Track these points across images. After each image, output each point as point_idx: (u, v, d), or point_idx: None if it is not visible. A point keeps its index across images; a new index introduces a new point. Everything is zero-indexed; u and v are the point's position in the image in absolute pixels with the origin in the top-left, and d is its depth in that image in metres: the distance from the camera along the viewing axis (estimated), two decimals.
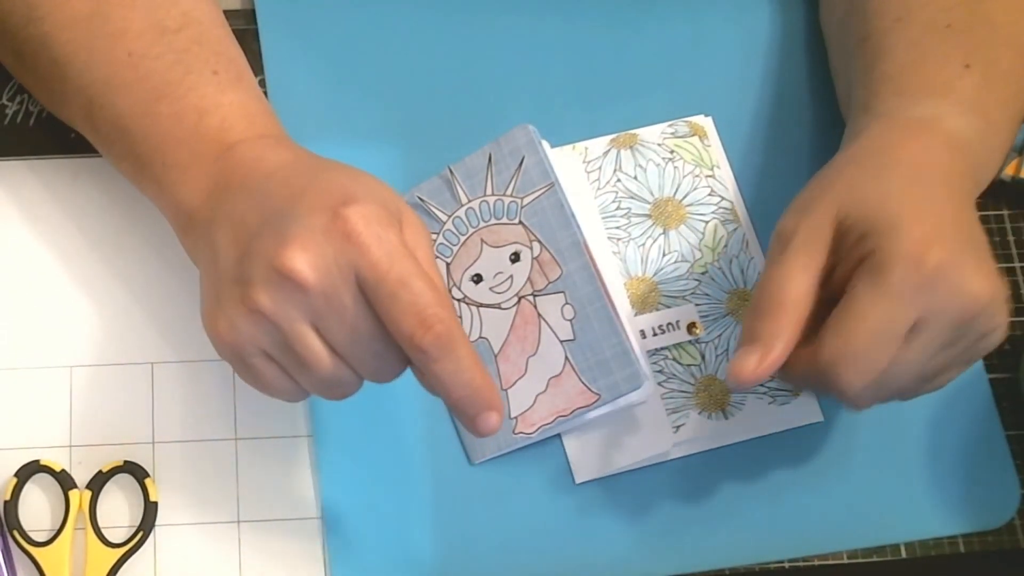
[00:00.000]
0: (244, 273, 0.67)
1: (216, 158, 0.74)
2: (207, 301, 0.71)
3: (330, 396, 0.71)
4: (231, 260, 0.69)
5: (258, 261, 0.66)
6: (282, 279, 0.66)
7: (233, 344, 0.69)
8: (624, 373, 0.78)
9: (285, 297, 0.66)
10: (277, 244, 0.66)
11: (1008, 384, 0.85)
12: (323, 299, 0.66)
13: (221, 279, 0.69)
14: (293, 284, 0.66)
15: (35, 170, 0.87)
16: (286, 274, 0.65)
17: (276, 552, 0.80)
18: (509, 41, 0.91)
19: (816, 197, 0.73)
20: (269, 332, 0.68)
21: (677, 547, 0.80)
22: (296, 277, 0.65)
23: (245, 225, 0.69)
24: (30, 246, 0.85)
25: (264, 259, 0.66)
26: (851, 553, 0.81)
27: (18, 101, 0.88)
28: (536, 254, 0.81)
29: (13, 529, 0.78)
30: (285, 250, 0.65)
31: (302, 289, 0.66)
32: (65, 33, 0.77)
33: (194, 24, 0.78)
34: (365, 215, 0.66)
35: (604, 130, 0.88)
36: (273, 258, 0.66)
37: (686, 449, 0.82)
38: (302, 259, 0.65)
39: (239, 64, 0.79)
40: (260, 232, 0.67)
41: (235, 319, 0.68)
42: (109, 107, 0.77)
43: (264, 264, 0.66)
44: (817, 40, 0.92)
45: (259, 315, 0.67)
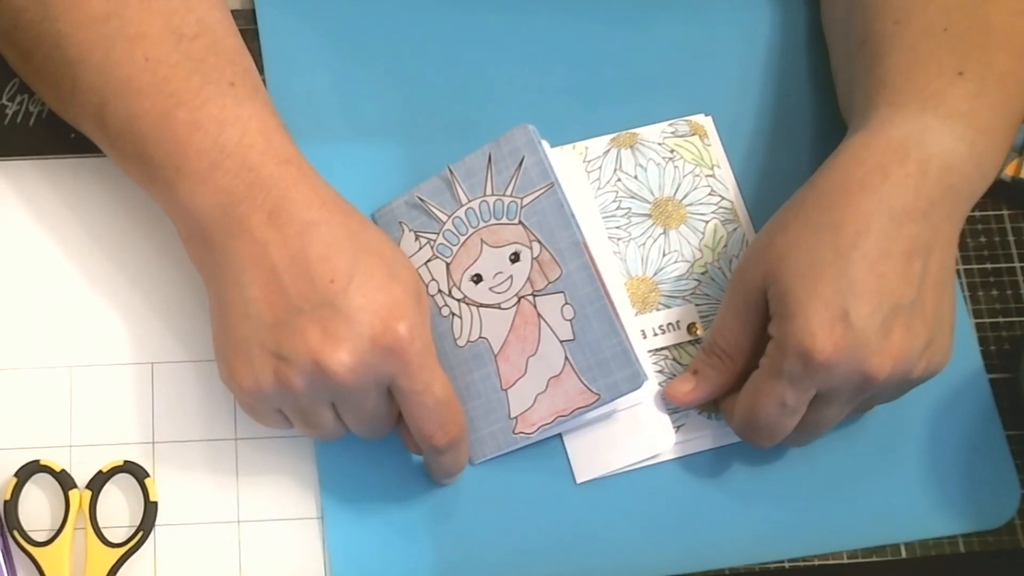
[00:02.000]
0: (282, 348, 0.72)
1: (236, 175, 0.74)
2: (227, 342, 0.74)
3: (321, 440, 0.81)
4: (265, 322, 0.72)
5: (300, 347, 0.71)
6: (322, 373, 0.71)
7: (252, 398, 0.74)
8: (624, 373, 0.78)
9: (319, 385, 0.72)
10: (324, 340, 0.71)
11: (1008, 384, 0.85)
12: (352, 394, 0.73)
13: (251, 337, 0.73)
14: (331, 381, 0.71)
15: (35, 170, 0.86)
16: (327, 371, 0.71)
17: (276, 552, 0.80)
18: (509, 41, 0.91)
19: (759, 253, 0.77)
20: (290, 401, 0.74)
21: (677, 547, 0.80)
22: (337, 376, 0.71)
23: (280, 283, 0.72)
24: (30, 246, 0.85)
25: (307, 348, 0.71)
26: (851, 553, 0.81)
27: (18, 101, 0.88)
28: (536, 254, 0.81)
29: (13, 529, 0.78)
30: (332, 351, 0.71)
31: (338, 384, 0.72)
32: (80, 32, 0.77)
33: (209, 32, 0.78)
34: (411, 331, 0.72)
35: (604, 130, 0.88)
36: (318, 352, 0.71)
37: (686, 449, 0.82)
38: (346, 364, 0.71)
39: (254, 76, 0.79)
40: (304, 312, 0.71)
41: (263, 382, 0.73)
42: (123, 109, 0.76)
43: (306, 353, 0.71)
44: (818, 39, 0.92)
45: (287, 390, 0.72)
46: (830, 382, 0.73)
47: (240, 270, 0.73)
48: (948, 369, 0.79)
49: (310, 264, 0.72)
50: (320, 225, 0.73)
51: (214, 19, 0.79)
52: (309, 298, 0.71)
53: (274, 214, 0.73)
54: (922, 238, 0.74)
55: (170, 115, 0.75)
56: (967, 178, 0.77)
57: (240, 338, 0.73)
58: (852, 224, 0.74)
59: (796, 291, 0.73)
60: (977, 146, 0.77)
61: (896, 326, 0.73)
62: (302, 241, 0.72)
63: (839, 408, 0.76)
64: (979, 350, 0.86)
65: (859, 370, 0.73)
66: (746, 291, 0.77)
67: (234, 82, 0.77)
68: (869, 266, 0.73)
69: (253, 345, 0.72)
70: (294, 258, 0.72)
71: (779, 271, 0.75)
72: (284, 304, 0.72)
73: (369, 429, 0.77)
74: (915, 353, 0.74)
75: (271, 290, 0.72)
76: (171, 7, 0.77)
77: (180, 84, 0.75)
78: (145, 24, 0.77)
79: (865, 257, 0.73)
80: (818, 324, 0.72)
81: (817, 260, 0.73)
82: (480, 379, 0.81)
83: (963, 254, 0.88)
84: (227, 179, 0.74)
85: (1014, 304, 0.87)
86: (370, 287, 0.72)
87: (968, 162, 0.76)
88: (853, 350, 0.72)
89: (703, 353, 0.80)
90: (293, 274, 0.72)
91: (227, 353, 0.74)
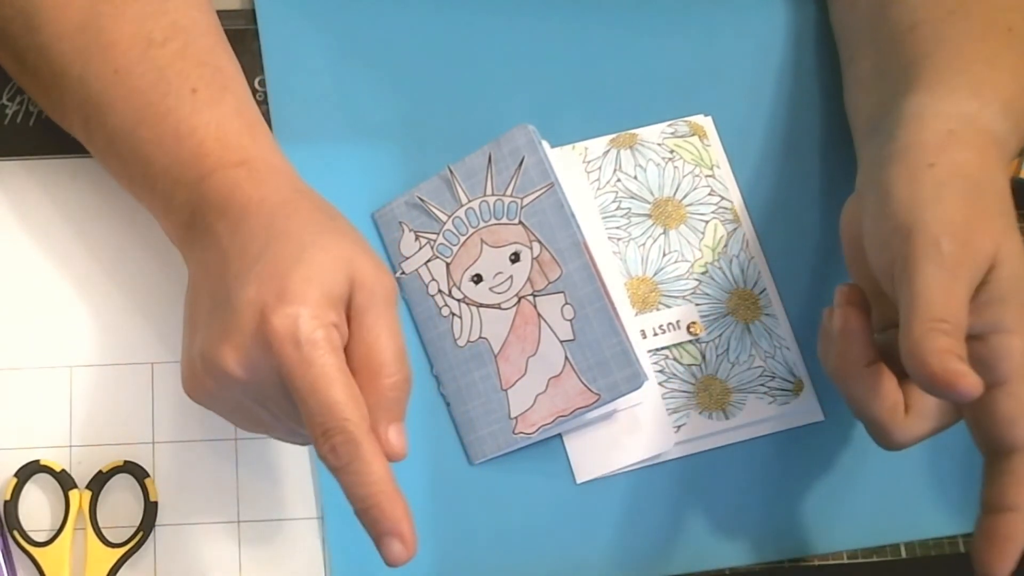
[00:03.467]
0: (192, 349, 0.71)
1: (192, 187, 0.74)
2: (182, 354, 0.74)
3: (297, 444, 0.77)
4: (191, 325, 0.72)
5: (204, 346, 0.70)
6: (219, 372, 0.69)
7: (200, 403, 0.73)
8: (624, 373, 0.78)
9: (224, 384, 0.70)
10: (215, 338, 0.69)
11: None
12: (255, 388, 0.69)
13: (186, 341, 0.73)
14: (230, 379, 0.69)
15: (35, 170, 0.86)
16: (221, 370, 0.68)
17: (276, 552, 0.80)
18: (509, 41, 0.91)
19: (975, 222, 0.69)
20: (223, 404, 0.72)
21: (677, 547, 0.81)
22: (227, 373, 0.68)
23: (209, 281, 0.72)
24: (30, 246, 0.85)
25: (207, 347, 0.69)
26: (851, 553, 0.81)
27: (18, 101, 0.88)
28: (536, 254, 0.81)
29: (13, 529, 0.78)
30: (219, 347, 0.68)
31: (235, 380, 0.69)
32: (62, 43, 0.77)
33: (181, 35, 0.77)
34: (288, 321, 0.66)
35: (604, 130, 0.88)
36: (211, 351, 0.69)
37: (687, 449, 0.82)
38: (232, 358, 0.68)
39: (224, 74, 0.77)
40: (212, 311, 0.70)
41: (191, 387, 0.72)
42: (101, 125, 0.77)
43: (206, 353, 0.69)
44: (818, 39, 0.92)
45: (207, 392, 0.71)
46: None
47: (192, 275, 0.74)
48: None
49: (228, 261, 0.70)
50: (248, 218, 0.71)
51: (189, 20, 0.78)
52: (217, 298, 0.70)
53: (217, 218, 0.72)
54: None
55: (135, 134, 0.75)
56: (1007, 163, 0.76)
57: (183, 346, 0.73)
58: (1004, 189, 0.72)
59: None
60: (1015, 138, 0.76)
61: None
62: (230, 238, 0.71)
63: None
64: None
65: None
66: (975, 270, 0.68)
67: (196, 88, 0.75)
68: None
69: (185, 350, 0.72)
70: (222, 255, 0.71)
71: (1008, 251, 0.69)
72: (204, 306, 0.71)
73: None
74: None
75: (199, 294, 0.72)
76: (145, 11, 0.77)
77: (144, 96, 0.75)
78: (117, 31, 0.76)
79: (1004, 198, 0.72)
80: None
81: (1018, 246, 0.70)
82: (480, 379, 0.81)
83: None
84: (186, 194, 0.74)
85: None
86: (265, 280, 0.68)
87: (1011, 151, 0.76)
88: None
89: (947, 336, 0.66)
90: (216, 275, 0.71)
91: (181, 363, 0.73)
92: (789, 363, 0.83)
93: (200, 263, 0.73)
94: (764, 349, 0.83)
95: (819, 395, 0.83)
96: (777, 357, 0.83)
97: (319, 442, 0.66)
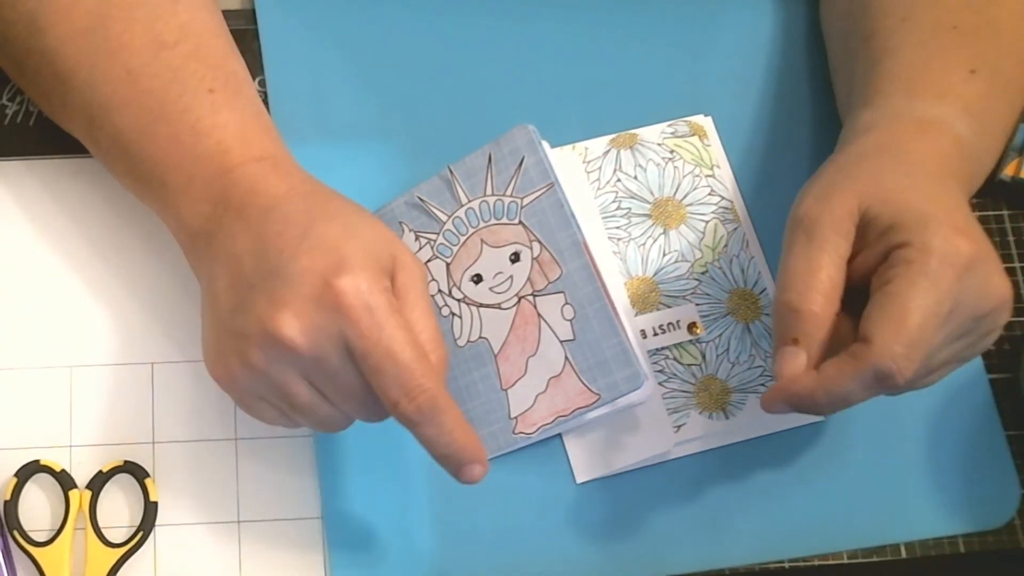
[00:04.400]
0: (239, 327, 0.70)
1: (213, 181, 0.74)
2: (207, 340, 0.74)
3: (325, 431, 0.76)
4: (228, 307, 0.71)
5: (252, 320, 0.69)
6: (274, 341, 0.69)
7: (231, 389, 0.73)
8: (624, 373, 0.78)
9: (277, 357, 0.69)
10: (271, 307, 0.68)
11: (1008, 384, 0.85)
12: (313, 361, 0.69)
13: (220, 324, 0.72)
14: (284, 347, 0.69)
15: (35, 170, 0.87)
16: (278, 339, 0.68)
17: (276, 552, 0.80)
18: (509, 41, 0.91)
19: (837, 185, 0.73)
20: (264, 383, 0.71)
21: (677, 547, 0.80)
22: (287, 343, 0.68)
23: (241, 267, 0.71)
24: (30, 246, 0.85)
25: (257, 319, 0.69)
26: (851, 553, 0.81)
27: (18, 101, 0.88)
28: (536, 254, 0.81)
29: (13, 529, 0.78)
30: (278, 315, 0.68)
31: (293, 352, 0.69)
32: (68, 46, 0.77)
33: (192, 37, 0.77)
34: (356, 286, 0.68)
35: (604, 130, 0.88)
36: (266, 321, 0.68)
37: (687, 449, 0.82)
38: (293, 325, 0.68)
39: (238, 77, 0.78)
40: (255, 286, 0.70)
41: (232, 369, 0.71)
42: (110, 125, 0.77)
43: (257, 324, 0.69)
44: (817, 39, 0.92)
45: (253, 369, 0.70)
46: (964, 292, 0.69)
47: (215, 266, 0.73)
48: None
49: (266, 242, 0.71)
50: (282, 205, 0.72)
51: (199, 22, 0.78)
52: (260, 273, 0.70)
53: (242, 208, 0.73)
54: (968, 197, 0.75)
55: (150, 130, 0.75)
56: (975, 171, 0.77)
57: (211, 330, 0.73)
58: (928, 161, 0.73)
59: (917, 201, 0.70)
60: (984, 145, 0.77)
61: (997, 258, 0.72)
62: (261, 225, 0.71)
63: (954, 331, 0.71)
64: None
65: (990, 283, 0.70)
66: (836, 222, 0.71)
67: (213, 88, 0.76)
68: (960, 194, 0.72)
69: (220, 333, 0.72)
70: (254, 241, 0.71)
71: (884, 189, 0.71)
72: (242, 287, 0.71)
73: (356, 405, 0.72)
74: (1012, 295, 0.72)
75: (234, 277, 0.71)
76: (154, 14, 0.77)
77: (159, 96, 0.75)
78: (127, 34, 0.76)
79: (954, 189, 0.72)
80: (953, 227, 0.69)
81: (919, 182, 0.71)
82: (480, 379, 0.81)
83: None
84: (204, 188, 0.74)
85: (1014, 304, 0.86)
86: (317, 251, 0.69)
87: (979, 156, 0.77)
88: (984, 258, 0.70)
89: (793, 315, 0.71)
90: (252, 255, 0.71)
91: (205, 349, 0.74)
92: None
93: (226, 251, 0.72)
94: (764, 349, 0.83)
95: None
96: None
97: (401, 402, 0.68)
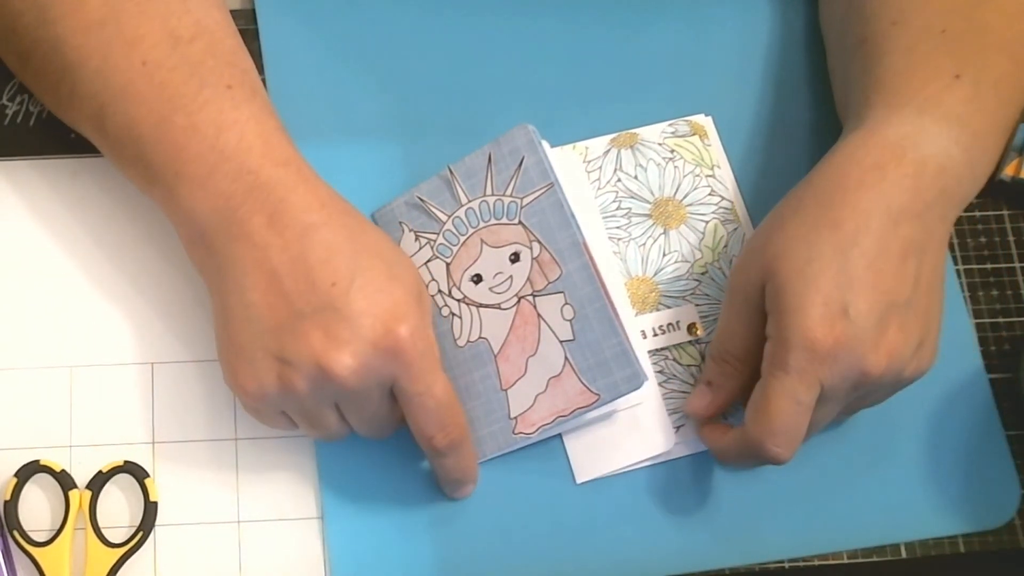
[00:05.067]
0: (285, 352, 0.72)
1: (236, 178, 0.74)
2: (230, 347, 0.74)
3: (326, 441, 0.81)
4: (270, 326, 0.72)
5: (303, 350, 0.71)
6: (325, 377, 0.72)
7: (256, 401, 0.74)
8: (624, 373, 0.78)
9: (322, 387, 0.73)
10: (327, 343, 0.71)
11: (1008, 384, 0.85)
12: (354, 395, 0.74)
13: (256, 339, 0.73)
14: (335, 383, 0.72)
15: (34, 170, 0.87)
16: (330, 375, 0.72)
17: (276, 552, 0.80)
18: (509, 41, 0.91)
19: (755, 252, 0.77)
20: (294, 404, 0.74)
21: (677, 547, 0.80)
22: (340, 379, 0.72)
23: (281, 286, 0.72)
24: (30, 246, 0.85)
25: (310, 351, 0.71)
26: (851, 553, 0.81)
27: (18, 101, 0.88)
28: (536, 254, 0.81)
29: (13, 529, 0.78)
30: (335, 354, 0.71)
31: (341, 387, 0.72)
32: (78, 37, 0.77)
33: (206, 34, 0.78)
34: (412, 334, 0.72)
35: (604, 130, 0.88)
36: (321, 355, 0.71)
37: (686, 449, 0.82)
38: (349, 366, 0.71)
39: (252, 77, 0.79)
40: (306, 316, 0.72)
41: (266, 386, 0.73)
42: (122, 114, 0.76)
43: (310, 356, 0.71)
44: (817, 40, 0.92)
45: (291, 393, 0.73)
46: (830, 378, 0.73)
47: (241, 274, 0.73)
48: (948, 369, 0.79)
49: (311, 267, 0.72)
50: (320, 228, 0.73)
51: (212, 20, 0.79)
52: (310, 301, 0.72)
53: (274, 217, 0.73)
54: (917, 239, 0.74)
55: (168, 120, 0.75)
56: (960, 181, 0.77)
57: (243, 342, 0.73)
58: (851, 221, 0.74)
59: (796, 286, 0.73)
60: (971, 150, 0.77)
61: (892, 324, 0.73)
62: (302, 244, 0.72)
63: (832, 408, 0.76)
64: (979, 350, 0.85)
65: (856, 366, 0.73)
66: (746, 291, 0.77)
67: (232, 84, 0.77)
68: (867, 264, 0.73)
69: (256, 349, 0.73)
70: (294, 261, 0.72)
71: (777, 268, 0.74)
72: (286, 308, 0.72)
73: (373, 429, 0.78)
74: (908, 352, 0.74)
75: (272, 294, 0.72)
76: (168, 10, 0.77)
77: (177, 88, 0.76)
78: (142, 28, 0.77)
79: (864, 255, 0.73)
80: (818, 318, 0.72)
81: (816, 256, 0.73)
82: (480, 379, 0.81)
83: (963, 254, 0.88)
84: (226, 183, 0.74)
85: (1014, 304, 0.87)
86: (371, 289, 0.72)
87: (962, 165, 0.76)
88: (851, 345, 0.72)
89: (712, 362, 0.80)
90: (294, 278, 0.72)
91: (230, 357, 0.74)
92: None
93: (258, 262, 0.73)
94: None
95: None
96: None
97: (436, 437, 0.75)
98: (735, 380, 0.79)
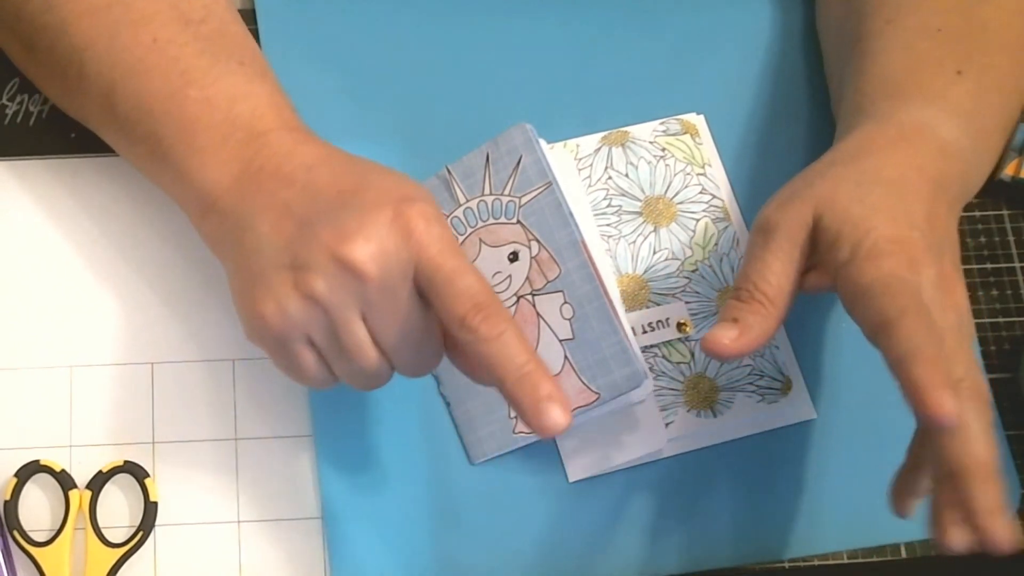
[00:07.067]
0: (298, 259, 0.69)
1: (246, 144, 0.74)
2: (246, 285, 0.72)
3: (360, 386, 0.74)
4: (277, 245, 0.70)
5: (316, 249, 0.68)
6: (343, 269, 0.68)
7: (279, 327, 0.70)
8: (623, 372, 0.78)
9: (342, 285, 0.68)
10: (340, 235, 0.68)
11: (1008, 384, 0.84)
12: (379, 291, 0.69)
13: (266, 264, 0.70)
14: (354, 274, 0.68)
15: (34, 170, 0.87)
16: (348, 264, 0.68)
17: (276, 552, 0.80)
18: (504, 40, 0.91)
19: (798, 193, 0.74)
20: (319, 318, 0.70)
21: (674, 547, 0.80)
22: (358, 268, 0.68)
23: (291, 212, 0.71)
24: (29, 246, 0.85)
25: (324, 248, 0.68)
26: (851, 553, 0.81)
27: (18, 101, 0.88)
28: (534, 253, 0.81)
29: (13, 529, 0.79)
30: (349, 241, 0.68)
31: (362, 280, 0.68)
32: (84, 20, 0.78)
33: (215, 17, 0.79)
34: (424, 213, 0.69)
35: (595, 128, 0.88)
36: (335, 248, 0.68)
37: (676, 447, 0.82)
38: (366, 251, 0.68)
39: (261, 58, 0.80)
40: (316, 221, 0.69)
41: (285, 303, 0.69)
42: (132, 90, 0.77)
43: (324, 253, 0.68)
44: (811, 38, 0.92)
45: (313, 301, 0.69)
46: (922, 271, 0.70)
47: (252, 217, 0.72)
48: None
49: (319, 188, 0.71)
50: (327, 162, 0.73)
51: (219, 6, 0.80)
52: (319, 210, 0.70)
53: (279, 168, 0.73)
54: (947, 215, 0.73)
55: (181, 93, 0.76)
56: (969, 174, 0.77)
57: (256, 272, 0.71)
58: (896, 169, 0.73)
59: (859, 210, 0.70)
60: (977, 145, 0.77)
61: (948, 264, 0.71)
62: (307, 177, 0.72)
63: None
64: (979, 350, 0.85)
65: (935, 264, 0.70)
66: (790, 228, 0.72)
67: (243, 62, 0.78)
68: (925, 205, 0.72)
69: (268, 271, 0.70)
70: (302, 190, 0.71)
71: (836, 200, 0.71)
72: (294, 224, 0.70)
73: (410, 347, 0.72)
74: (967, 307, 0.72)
75: (282, 219, 0.71)
76: None
77: (190, 63, 0.76)
78: (150, 8, 0.78)
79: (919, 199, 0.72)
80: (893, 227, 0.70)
81: (872, 197, 0.71)
82: None
83: (963, 254, 0.87)
84: (238, 148, 0.74)
85: (1014, 304, 0.86)
86: (381, 188, 0.71)
87: (971, 158, 0.76)
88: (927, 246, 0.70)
89: (740, 301, 0.73)
90: (302, 200, 0.71)
91: (245, 293, 0.72)
92: (778, 362, 0.83)
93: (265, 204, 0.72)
94: None
95: (812, 393, 0.83)
96: (766, 356, 0.83)
97: (470, 315, 0.68)
98: (765, 322, 0.72)
